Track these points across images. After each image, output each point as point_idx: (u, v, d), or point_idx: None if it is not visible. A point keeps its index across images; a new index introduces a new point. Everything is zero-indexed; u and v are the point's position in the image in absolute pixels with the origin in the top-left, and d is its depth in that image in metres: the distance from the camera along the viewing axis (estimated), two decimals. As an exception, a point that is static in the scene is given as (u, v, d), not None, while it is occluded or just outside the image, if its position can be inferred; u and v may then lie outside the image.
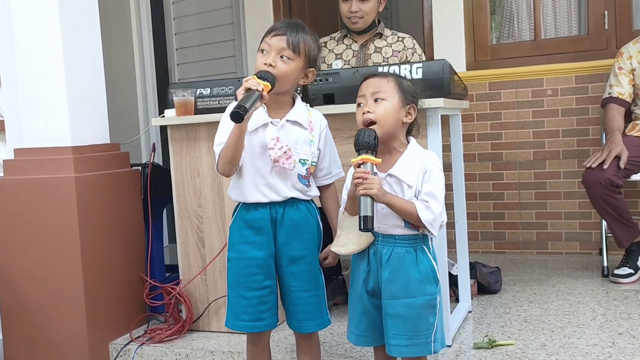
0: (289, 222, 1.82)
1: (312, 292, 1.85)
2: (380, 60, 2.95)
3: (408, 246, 1.66)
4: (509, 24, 3.90)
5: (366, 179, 1.56)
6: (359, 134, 1.62)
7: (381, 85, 1.67)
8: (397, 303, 1.64)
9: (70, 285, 2.37)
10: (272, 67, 1.74)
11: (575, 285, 2.93)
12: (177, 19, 4.68)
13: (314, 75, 1.87)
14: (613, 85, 3.11)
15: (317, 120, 1.87)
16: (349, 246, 1.71)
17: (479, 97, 3.66)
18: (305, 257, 1.84)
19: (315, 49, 1.84)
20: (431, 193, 1.62)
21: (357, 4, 2.90)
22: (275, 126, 1.79)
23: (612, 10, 3.49)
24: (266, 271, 1.83)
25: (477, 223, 3.72)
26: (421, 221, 1.60)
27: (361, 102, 1.69)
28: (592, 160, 2.89)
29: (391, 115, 1.66)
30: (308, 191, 1.85)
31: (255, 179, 1.80)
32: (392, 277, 1.65)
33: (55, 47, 2.41)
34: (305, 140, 1.83)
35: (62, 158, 2.39)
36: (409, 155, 1.68)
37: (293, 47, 1.75)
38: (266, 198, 1.80)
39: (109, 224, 2.51)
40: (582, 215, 3.53)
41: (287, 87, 1.81)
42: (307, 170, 1.82)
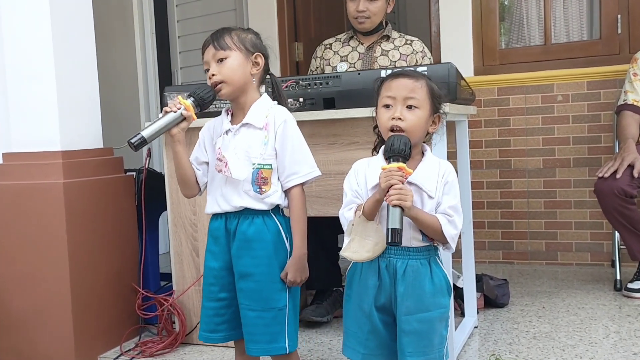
0: (241, 236, 1.72)
1: (259, 312, 1.70)
2: (387, 64, 2.84)
3: (422, 258, 1.55)
4: (518, 28, 3.79)
5: (401, 188, 1.45)
6: (394, 140, 1.50)
7: (416, 90, 1.56)
8: (412, 319, 1.53)
9: (56, 296, 2.28)
10: (214, 76, 1.72)
11: (587, 299, 2.81)
12: (180, 22, 4.60)
13: (263, 58, 1.79)
14: (628, 91, 3.00)
15: (272, 119, 1.74)
16: (362, 253, 1.57)
17: (487, 103, 3.55)
18: (254, 274, 1.70)
19: (248, 35, 1.78)
20: (455, 207, 1.53)
21: (364, 3, 2.80)
22: (232, 132, 1.74)
23: (625, 14, 3.38)
24: (221, 283, 1.75)
25: (484, 232, 3.61)
26: (444, 236, 1.51)
27: (390, 104, 1.57)
28: (604, 169, 2.78)
29: (422, 126, 1.56)
30: (264, 198, 1.71)
31: (216, 190, 1.77)
32: (407, 291, 1.53)
33: (46, 49, 2.33)
34: (260, 142, 1.72)
35: (51, 163, 2.31)
36: (428, 164, 1.58)
37: (221, 46, 1.72)
38: (219, 208, 1.75)
39: (100, 231, 2.42)
40: (594, 225, 3.41)
41: (240, 82, 1.74)
42: (257, 175, 1.71)
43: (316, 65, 2.99)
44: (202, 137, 1.84)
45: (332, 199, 2.20)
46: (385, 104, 1.57)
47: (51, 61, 2.33)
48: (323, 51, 2.99)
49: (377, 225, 1.53)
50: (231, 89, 1.73)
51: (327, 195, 2.22)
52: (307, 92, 2.26)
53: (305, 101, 2.26)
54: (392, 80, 1.59)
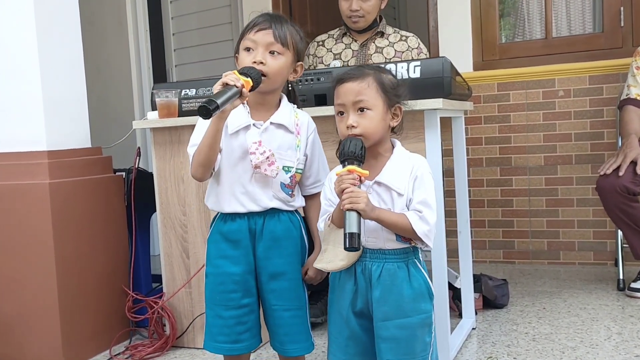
0: (269, 235, 1.64)
1: (294, 311, 1.66)
2: (381, 61, 2.77)
3: (399, 261, 1.49)
4: (518, 22, 3.71)
5: (352, 191, 1.39)
6: (345, 143, 1.45)
7: (362, 91, 1.47)
8: (390, 324, 1.47)
9: (43, 299, 2.22)
10: (262, 64, 1.58)
11: (589, 300, 2.74)
12: (175, 19, 4.54)
13: (303, 69, 1.71)
14: (631, 86, 2.92)
15: (304, 124, 1.70)
16: (336, 262, 1.53)
17: (486, 99, 3.48)
18: (287, 273, 1.65)
19: (301, 41, 1.69)
20: (425, 202, 1.46)
21: (357, 2, 2.73)
22: (258, 129, 1.62)
23: (628, 7, 3.30)
24: (244, 288, 1.65)
25: (484, 231, 3.54)
26: (416, 234, 1.44)
27: (342, 111, 1.50)
28: (606, 166, 2.71)
29: (378, 125, 1.49)
30: (291, 201, 1.67)
31: (233, 186, 1.63)
32: (383, 296, 1.47)
33: (30, 45, 2.27)
34: (291, 145, 1.66)
35: (36, 163, 2.25)
36: (396, 160, 1.51)
37: (281, 40, 1.59)
38: (244, 208, 1.62)
39: (88, 232, 2.36)
40: (597, 224, 3.33)
41: (279, 84, 1.65)
42: (291, 179, 1.65)
43: (309, 64, 2.92)
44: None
45: (325, 199, 2.14)
46: (339, 111, 1.51)
47: (36, 58, 2.27)
48: (316, 48, 2.92)
49: None
50: (270, 87, 1.62)
51: (319, 195, 2.15)
52: (298, 88, 2.19)
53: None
54: (339, 86, 1.51)
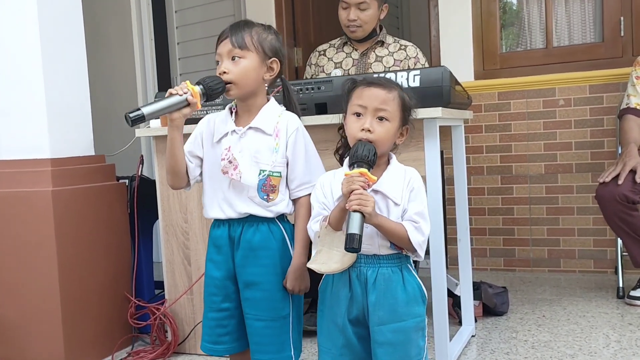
0: (246, 244, 1.66)
1: (267, 322, 1.66)
2: (381, 69, 2.80)
3: (394, 266, 1.51)
4: (519, 32, 3.74)
5: (362, 193, 1.41)
6: (358, 146, 1.47)
7: (388, 101, 1.51)
8: (385, 329, 1.49)
9: (46, 305, 2.24)
10: (225, 74, 1.63)
11: (588, 307, 2.75)
12: (180, 28, 4.58)
13: (280, 65, 1.72)
14: (631, 95, 2.94)
15: (284, 126, 1.69)
16: (330, 265, 1.52)
17: (487, 108, 3.50)
18: (261, 283, 1.66)
19: (269, 37, 1.70)
20: (421, 213, 1.49)
21: (355, 12, 2.76)
22: (237, 134, 1.67)
23: (628, 17, 3.32)
24: (224, 293, 1.70)
25: (485, 239, 3.55)
26: (411, 244, 1.46)
27: (360, 113, 1.52)
28: (605, 174, 2.73)
29: (391, 138, 1.53)
30: (269, 206, 1.66)
31: (216, 193, 1.69)
32: (378, 300, 1.49)
33: (34, 53, 2.30)
34: (269, 148, 1.67)
35: (39, 170, 2.27)
36: (393, 171, 1.54)
37: (239, 44, 1.63)
38: (223, 214, 1.67)
39: (90, 239, 2.38)
40: (597, 232, 3.34)
41: (251, 87, 1.67)
42: (265, 182, 1.66)
43: (311, 73, 2.96)
44: (199, 131, 1.75)
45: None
46: (356, 112, 1.53)
47: (39, 66, 2.30)
48: (317, 58, 2.96)
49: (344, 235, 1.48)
50: (241, 91, 1.65)
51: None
52: (299, 97, 2.22)
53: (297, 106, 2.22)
54: (365, 88, 1.54)
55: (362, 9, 2.75)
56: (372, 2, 2.75)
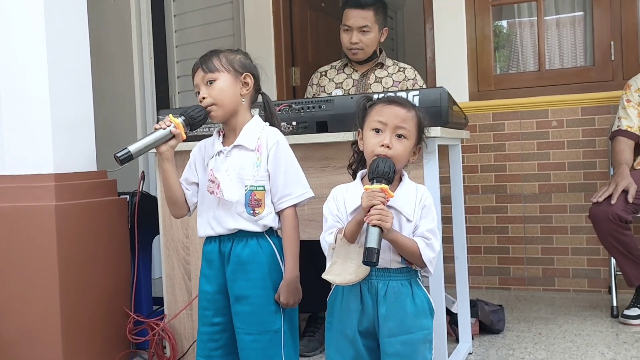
0: (235, 259, 1.72)
1: (255, 336, 1.69)
2: (380, 90, 2.87)
3: (403, 279, 1.56)
4: (513, 55, 3.82)
5: (382, 209, 1.46)
6: (378, 162, 1.53)
7: (407, 120, 1.59)
8: (395, 341, 1.53)
9: (46, 319, 2.25)
10: (205, 99, 1.73)
11: (584, 326, 2.78)
12: (179, 47, 4.65)
13: (253, 78, 1.80)
14: (622, 117, 3.01)
15: (264, 140, 1.75)
16: (345, 276, 1.56)
17: (482, 128, 3.56)
18: (250, 297, 1.70)
19: (237, 56, 1.79)
20: (433, 230, 1.56)
21: (357, 35, 2.85)
22: (223, 154, 1.75)
23: (618, 41, 3.40)
24: (215, 307, 1.75)
25: (480, 257, 3.59)
26: (422, 260, 1.52)
27: (380, 129, 1.58)
28: (598, 194, 2.78)
29: (407, 156, 1.60)
30: (257, 220, 1.71)
31: (207, 212, 1.76)
32: (389, 313, 1.53)
33: (41, 70, 2.33)
34: (252, 163, 1.73)
35: (43, 185, 2.29)
36: (406, 188, 1.60)
37: (209, 69, 1.73)
38: (213, 231, 1.74)
39: (91, 254, 2.40)
40: (590, 251, 3.39)
41: (231, 105, 1.75)
42: (250, 197, 1.71)
43: (312, 92, 3.02)
44: (192, 158, 1.84)
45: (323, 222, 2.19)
46: (375, 128, 1.58)
47: (45, 82, 2.33)
48: (319, 78, 3.03)
49: (359, 248, 1.52)
50: (222, 111, 1.73)
51: (319, 219, 2.17)
52: (300, 115, 2.26)
53: (299, 125, 2.26)
54: (385, 105, 1.60)
55: (364, 32, 2.84)
56: (373, 25, 2.84)
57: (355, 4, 2.84)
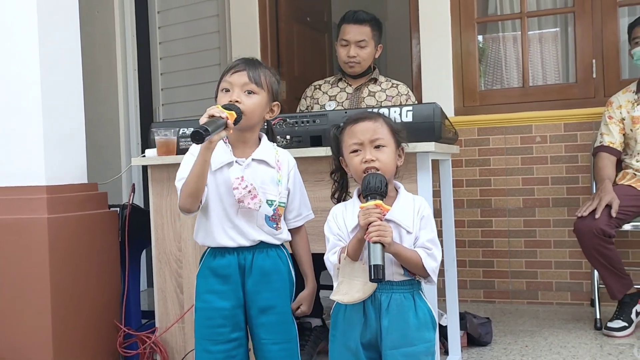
0: (258, 270, 1.72)
1: (283, 345, 1.73)
2: (373, 104, 2.92)
3: (406, 292, 1.59)
4: (497, 71, 3.89)
5: (380, 225, 1.48)
6: (369, 179, 1.55)
7: (378, 130, 1.61)
8: (397, 353, 1.55)
9: (38, 332, 2.22)
10: (238, 103, 1.70)
11: (568, 338, 2.83)
12: (163, 59, 4.64)
13: (279, 109, 1.82)
14: (604, 134, 3.09)
15: (285, 160, 1.81)
16: (353, 294, 1.58)
17: (467, 143, 3.62)
18: (276, 306, 1.72)
19: (276, 82, 1.82)
20: (433, 240, 1.58)
21: (355, 49, 2.92)
22: (240, 165, 1.73)
23: (599, 59, 3.49)
24: (233, 322, 1.73)
25: (465, 271, 3.63)
26: (425, 270, 1.55)
27: (358, 149, 1.61)
28: (583, 209, 2.84)
29: (393, 162, 1.63)
30: (278, 234, 1.75)
31: (222, 221, 1.72)
32: (391, 325, 1.56)
33: (34, 82, 2.33)
34: (273, 179, 1.76)
35: (35, 198, 2.28)
36: (404, 200, 1.62)
37: (255, 80, 1.72)
38: (234, 242, 1.71)
39: (83, 267, 2.38)
40: (573, 265, 3.45)
41: (255, 121, 1.76)
42: (274, 212, 1.74)
43: (306, 105, 3.06)
44: None
45: (318, 235, 2.18)
46: (353, 150, 1.62)
47: (38, 94, 2.32)
48: (313, 91, 3.07)
49: (364, 265, 1.55)
50: (247, 123, 1.73)
51: (312, 232, 2.21)
52: (294, 129, 2.29)
53: (293, 139, 2.29)
54: (353, 125, 1.63)
55: (361, 46, 2.91)
56: (370, 40, 2.92)
57: (353, 20, 2.92)
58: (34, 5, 2.32)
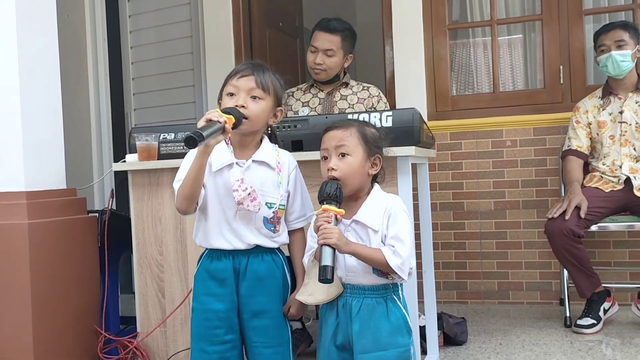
0: (252, 275, 1.73)
1: (275, 348, 1.74)
2: (345, 107, 2.97)
3: (378, 297, 1.61)
4: (468, 77, 3.99)
5: (325, 227, 1.52)
6: (323, 185, 1.60)
7: (345, 138, 1.64)
8: (368, 357, 1.58)
9: (18, 339, 2.21)
10: (244, 108, 1.70)
11: (540, 336, 2.92)
12: (135, 64, 4.61)
13: (282, 115, 1.84)
14: (572, 138, 3.19)
15: (285, 161, 1.81)
16: (317, 296, 1.64)
17: (440, 147, 3.69)
18: (269, 311, 1.74)
19: (281, 88, 1.82)
20: (396, 236, 1.59)
21: (322, 57, 2.96)
22: (240, 167, 1.74)
23: (567, 66, 3.61)
24: (228, 325, 1.75)
25: (439, 273, 3.70)
26: (390, 267, 1.56)
27: (325, 156, 1.66)
28: (553, 211, 2.93)
29: (356, 171, 1.63)
30: (275, 237, 1.76)
31: (220, 223, 1.73)
32: (362, 330, 1.59)
33: (12, 88, 2.32)
34: (273, 182, 1.76)
35: (15, 203, 2.26)
36: (373, 200, 1.66)
37: (262, 86, 1.72)
38: (230, 245, 1.72)
39: (63, 272, 2.37)
40: (542, 265, 3.55)
41: (259, 126, 1.77)
42: (274, 214, 1.75)
43: None
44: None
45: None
46: (323, 156, 1.67)
47: (17, 101, 2.31)
48: (286, 99, 3.10)
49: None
50: (251, 128, 1.73)
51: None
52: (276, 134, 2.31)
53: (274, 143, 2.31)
54: (325, 134, 1.68)
55: (328, 55, 2.96)
56: (338, 50, 2.96)
57: (325, 28, 2.96)
58: (12, 12, 2.31)
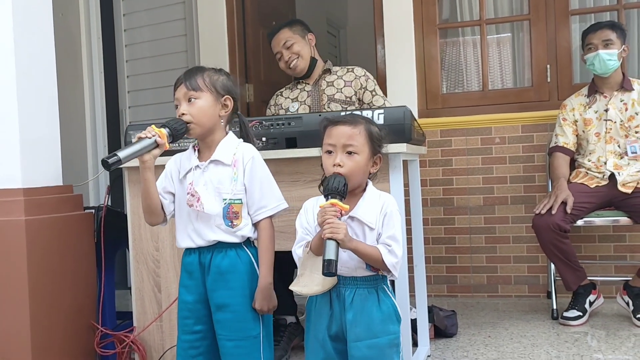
0: (215, 269, 1.80)
1: (237, 342, 1.79)
2: (334, 92, 3.01)
3: (370, 287, 1.67)
4: (458, 75, 4.05)
5: (333, 222, 1.56)
6: (330, 179, 1.63)
7: (354, 136, 1.67)
8: (362, 345, 1.63)
9: (16, 335, 2.25)
10: (184, 115, 1.79)
11: (527, 328, 2.99)
12: (129, 62, 4.64)
13: (233, 102, 1.88)
14: (558, 135, 3.26)
15: (240, 156, 1.84)
16: (312, 287, 1.67)
17: (430, 144, 3.76)
18: (231, 305, 1.79)
19: (220, 77, 1.87)
20: (393, 236, 1.65)
21: (286, 52, 3.05)
22: (200, 169, 1.82)
23: (554, 64, 3.68)
24: (196, 316, 1.83)
25: (429, 267, 3.75)
26: (385, 265, 1.62)
27: (331, 150, 1.68)
28: (540, 206, 3.00)
29: (362, 169, 1.68)
30: (235, 231, 1.80)
31: (186, 225, 1.84)
32: (355, 318, 1.64)
33: (9, 85, 2.35)
34: (229, 177, 1.82)
35: (12, 200, 2.30)
36: (369, 198, 1.70)
37: (193, 87, 1.80)
38: (193, 243, 1.82)
39: (60, 269, 2.41)
40: (530, 259, 3.62)
41: (209, 123, 1.82)
42: (228, 209, 1.80)
43: (271, 113, 3.15)
44: (169, 169, 1.90)
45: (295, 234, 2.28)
46: (328, 150, 1.70)
47: (14, 99, 2.35)
48: (275, 99, 3.19)
49: None
50: (200, 130, 1.82)
51: (290, 231, 2.28)
52: (270, 132, 2.37)
53: (269, 140, 2.36)
54: (332, 127, 1.70)
55: (288, 46, 3.04)
56: (294, 37, 3.05)
57: (272, 35, 3.11)
58: (9, 10, 2.34)
